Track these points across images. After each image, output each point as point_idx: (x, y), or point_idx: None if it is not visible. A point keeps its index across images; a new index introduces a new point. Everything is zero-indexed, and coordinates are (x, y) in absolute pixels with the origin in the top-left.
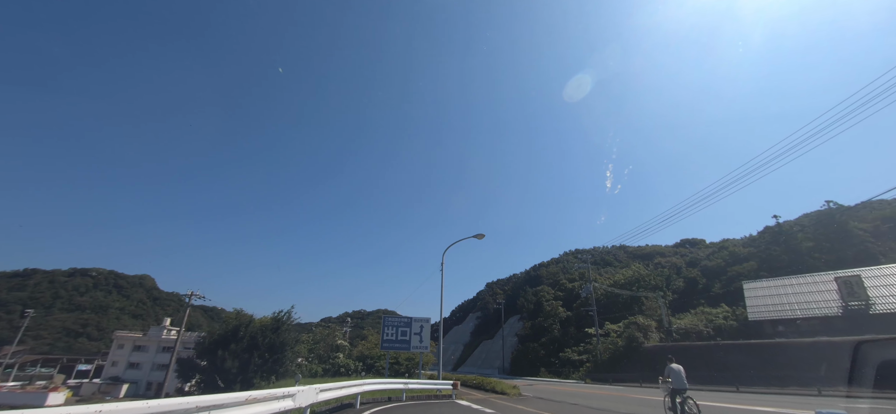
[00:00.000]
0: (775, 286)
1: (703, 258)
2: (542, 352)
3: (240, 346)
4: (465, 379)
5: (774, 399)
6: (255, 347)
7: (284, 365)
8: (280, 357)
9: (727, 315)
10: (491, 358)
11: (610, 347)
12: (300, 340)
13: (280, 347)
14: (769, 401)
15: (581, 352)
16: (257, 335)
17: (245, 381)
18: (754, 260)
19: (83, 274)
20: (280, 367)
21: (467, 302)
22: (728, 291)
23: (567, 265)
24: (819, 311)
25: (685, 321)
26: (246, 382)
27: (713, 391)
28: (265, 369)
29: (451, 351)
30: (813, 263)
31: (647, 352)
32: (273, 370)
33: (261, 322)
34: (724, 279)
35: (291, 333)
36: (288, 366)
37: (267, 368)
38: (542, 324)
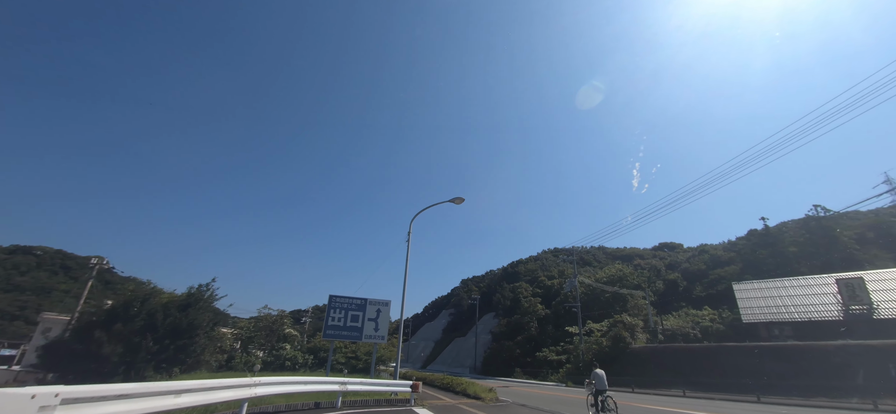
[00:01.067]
0: (767, 288)
1: (682, 261)
2: (517, 351)
3: (130, 326)
4: (431, 378)
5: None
6: (151, 328)
7: (195, 353)
8: (188, 343)
9: (714, 318)
10: (462, 356)
11: (593, 347)
12: (221, 323)
13: (188, 330)
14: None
15: (560, 352)
16: (157, 314)
17: (133, 371)
18: (736, 263)
19: (26, 251)
20: (189, 356)
21: (441, 298)
22: (709, 294)
23: (546, 262)
24: (818, 314)
25: (670, 323)
26: (134, 374)
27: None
28: (166, 358)
29: (421, 348)
30: (798, 267)
31: (634, 354)
32: (177, 360)
33: (169, 297)
34: (705, 282)
35: (208, 313)
36: (202, 355)
37: (169, 357)
38: (518, 321)
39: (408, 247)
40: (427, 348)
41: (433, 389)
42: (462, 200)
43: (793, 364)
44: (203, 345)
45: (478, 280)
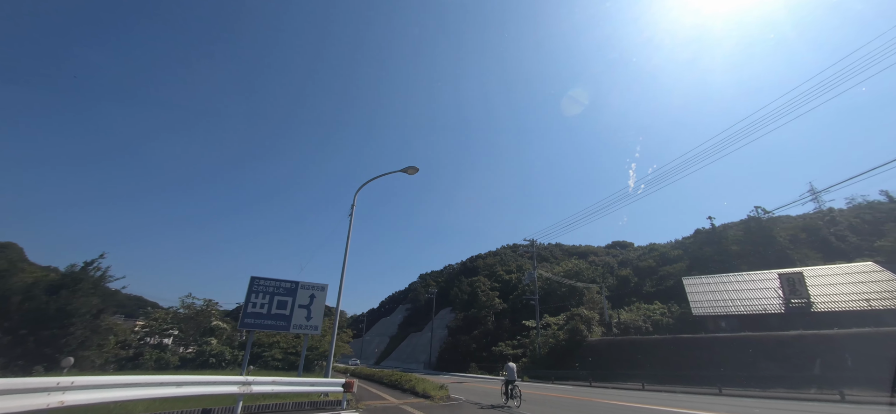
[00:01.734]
0: (714, 283)
1: (633, 259)
2: (473, 346)
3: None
4: (379, 375)
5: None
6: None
7: (70, 347)
8: (59, 335)
9: (664, 312)
10: (418, 352)
11: (550, 340)
12: (106, 309)
13: (58, 318)
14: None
15: (516, 346)
16: (12, 297)
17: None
18: (684, 261)
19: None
20: (59, 350)
21: (398, 293)
22: (659, 290)
23: (505, 257)
24: (762, 307)
25: (623, 317)
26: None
27: (699, 394)
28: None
29: (375, 344)
30: (740, 264)
31: (591, 346)
32: (42, 356)
33: (36, 276)
34: (655, 278)
35: (93, 298)
36: (79, 350)
37: (27, 352)
38: (475, 315)
39: (350, 222)
40: (382, 344)
41: (380, 386)
42: (415, 170)
43: (748, 355)
44: (82, 337)
45: (436, 275)
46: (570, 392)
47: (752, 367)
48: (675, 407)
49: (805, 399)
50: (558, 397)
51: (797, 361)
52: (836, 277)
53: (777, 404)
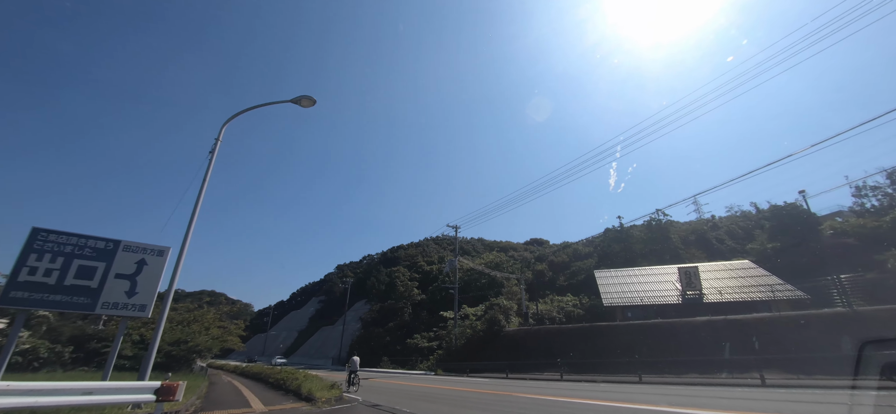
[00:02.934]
0: (622, 275)
1: (549, 254)
2: (387, 338)
3: None
4: (267, 373)
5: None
6: None
7: None
8: None
9: (575, 303)
10: (328, 347)
11: (467, 331)
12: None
13: None
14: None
15: (432, 338)
16: None
17: None
18: (594, 257)
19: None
20: None
21: (312, 285)
22: (571, 283)
23: (427, 249)
24: (663, 298)
25: (539, 307)
26: None
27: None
28: None
29: (282, 339)
30: (642, 261)
31: (509, 337)
32: None
33: None
34: (568, 273)
35: None
36: None
37: None
38: (392, 307)
39: (211, 160)
40: (289, 339)
41: (260, 386)
42: (311, 102)
43: (660, 342)
44: None
45: (354, 266)
46: (476, 385)
47: (663, 353)
48: (604, 400)
49: (730, 385)
50: (436, 390)
51: (707, 347)
52: (720, 273)
53: (712, 392)
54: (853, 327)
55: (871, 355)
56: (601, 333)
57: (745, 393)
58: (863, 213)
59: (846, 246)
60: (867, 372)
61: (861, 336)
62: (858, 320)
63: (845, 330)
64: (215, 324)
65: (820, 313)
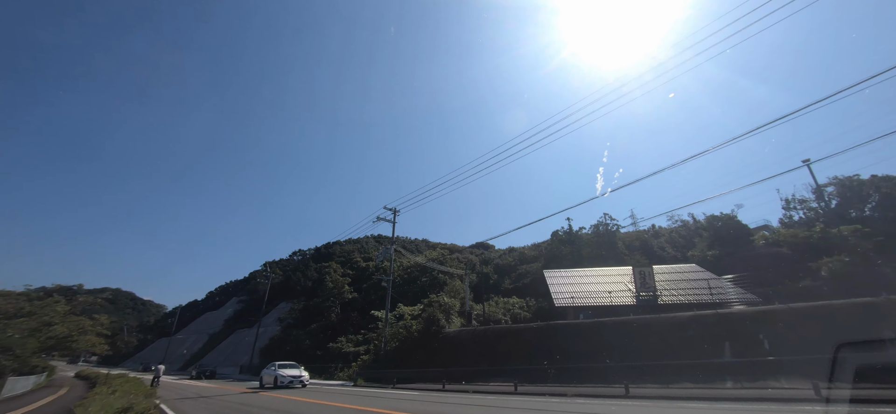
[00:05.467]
0: (572, 276)
1: (495, 258)
2: (306, 342)
3: None
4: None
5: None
6: None
7: None
8: None
9: (522, 306)
10: (240, 352)
11: (400, 333)
12: None
13: None
14: None
15: (360, 342)
16: None
17: None
18: (540, 260)
19: None
20: None
21: (234, 283)
22: (517, 287)
23: (366, 246)
24: (618, 299)
25: (485, 309)
26: None
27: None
28: None
29: (189, 343)
30: (588, 265)
31: (449, 339)
32: None
33: None
34: (514, 275)
35: None
36: None
37: None
38: (318, 306)
39: None
40: (199, 343)
41: None
42: None
43: (636, 341)
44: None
45: (284, 263)
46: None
47: (638, 355)
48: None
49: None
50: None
51: (697, 347)
52: (670, 275)
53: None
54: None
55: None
56: (559, 333)
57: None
58: (791, 224)
59: (779, 255)
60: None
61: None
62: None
63: (820, 324)
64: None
65: (794, 307)
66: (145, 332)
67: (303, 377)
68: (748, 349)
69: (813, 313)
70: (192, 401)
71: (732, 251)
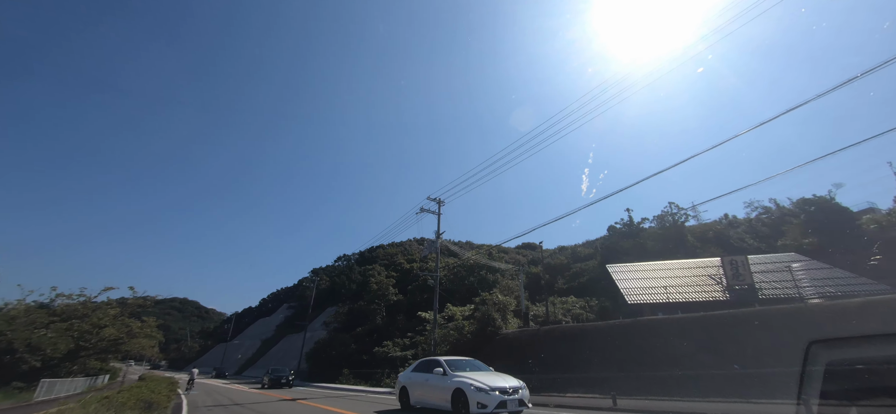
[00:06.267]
0: (644, 270)
1: (544, 258)
2: (352, 346)
3: None
4: None
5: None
6: None
7: None
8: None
9: (583, 306)
10: (290, 357)
11: (451, 335)
12: None
13: None
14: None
15: (407, 345)
16: None
17: None
18: (596, 257)
19: None
20: None
21: (284, 290)
22: (572, 286)
23: (410, 249)
24: (704, 294)
25: (540, 310)
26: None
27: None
28: None
29: (244, 349)
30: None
31: (506, 341)
32: None
33: None
34: (568, 275)
35: None
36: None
37: None
38: (362, 309)
39: None
40: (252, 348)
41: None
42: None
43: (730, 341)
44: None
45: (330, 270)
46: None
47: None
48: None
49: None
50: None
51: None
52: (765, 265)
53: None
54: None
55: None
56: (638, 333)
57: None
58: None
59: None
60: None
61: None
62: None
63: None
64: (113, 323)
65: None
66: (206, 338)
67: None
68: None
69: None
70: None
71: (835, 239)
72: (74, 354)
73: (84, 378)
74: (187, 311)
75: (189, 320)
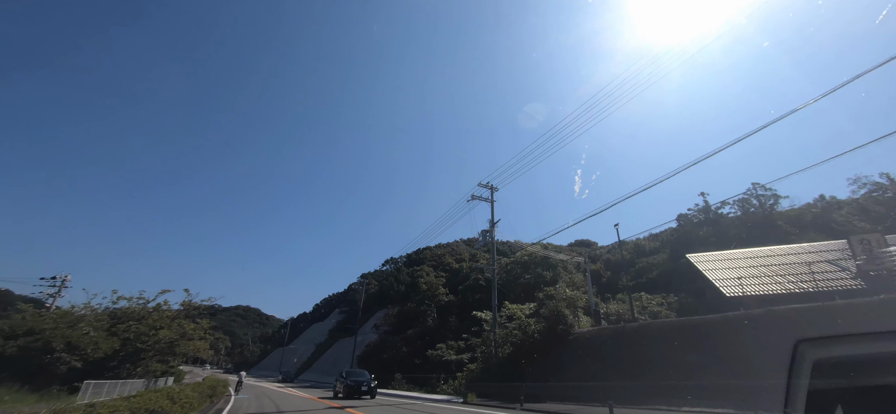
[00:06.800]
0: (734, 258)
1: (602, 254)
2: (404, 349)
3: None
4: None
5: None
6: None
7: None
8: None
9: (660, 302)
10: (342, 361)
11: (513, 335)
12: None
13: None
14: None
15: (462, 349)
16: None
17: None
18: (665, 250)
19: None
20: None
21: (334, 296)
22: (639, 283)
23: (457, 249)
24: (827, 284)
25: (612, 307)
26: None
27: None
28: None
29: (300, 353)
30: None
31: (581, 342)
32: None
33: None
34: (633, 271)
35: None
36: None
37: None
38: (412, 310)
39: None
40: (307, 352)
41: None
42: None
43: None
44: None
45: (378, 274)
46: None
47: None
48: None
49: None
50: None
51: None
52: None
53: None
54: None
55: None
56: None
57: None
58: None
59: None
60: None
61: None
62: None
63: None
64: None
65: None
66: (266, 342)
67: None
68: None
69: None
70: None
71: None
72: (134, 356)
73: (142, 380)
74: (250, 317)
75: (251, 326)
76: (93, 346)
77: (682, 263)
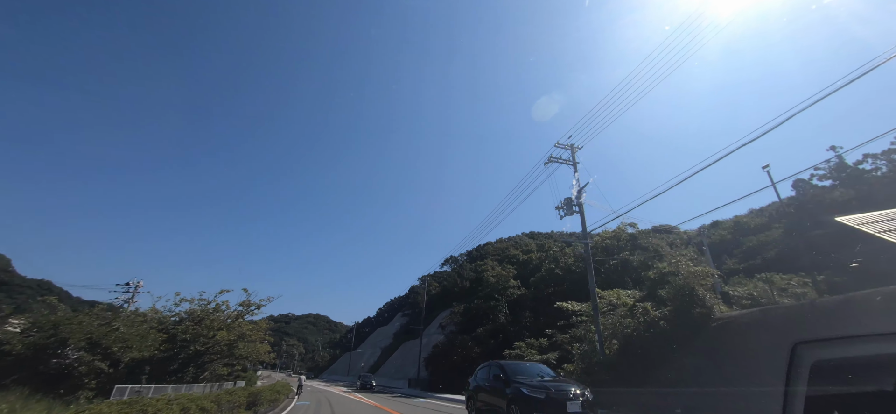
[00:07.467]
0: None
1: (692, 237)
2: (476, 349)
3: None
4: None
5: None
6: None
7: None
8: None
9: (799, 282)
10: (408, 364)
11: (625, 321)
12: None
13: None
14: None
15: (546, 346)
16: None
17: None
18: (776, 226)
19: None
20: None
21: (397, 299)
22: (751, 265)
23: (521, 242)
24: None
25: (740, 290)
26: None
27: None
28: None
29: (367, 357)
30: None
31: (725, 331)
32: None
33: None
34: (738, 253)
35: None
36: None
37: None
38: (480, 307)
39: None
40: (374, 357)
41: None
42: None
43: None
44: None
45: (439, 275)
46: None
47: None
48: None
49: None
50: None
51: None
52: None
53: None
54: None
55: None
56: None
57: None
58: None
59: None
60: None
61: None
62: None
63: None
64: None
65: None
66: (334, 348)
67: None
68: None
69: None
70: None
71: None
72: (193, 359)
73: (202, 385)
74: (320, 325)
75: (321, 333)
76: (119, 345)
77: (814, 236)
